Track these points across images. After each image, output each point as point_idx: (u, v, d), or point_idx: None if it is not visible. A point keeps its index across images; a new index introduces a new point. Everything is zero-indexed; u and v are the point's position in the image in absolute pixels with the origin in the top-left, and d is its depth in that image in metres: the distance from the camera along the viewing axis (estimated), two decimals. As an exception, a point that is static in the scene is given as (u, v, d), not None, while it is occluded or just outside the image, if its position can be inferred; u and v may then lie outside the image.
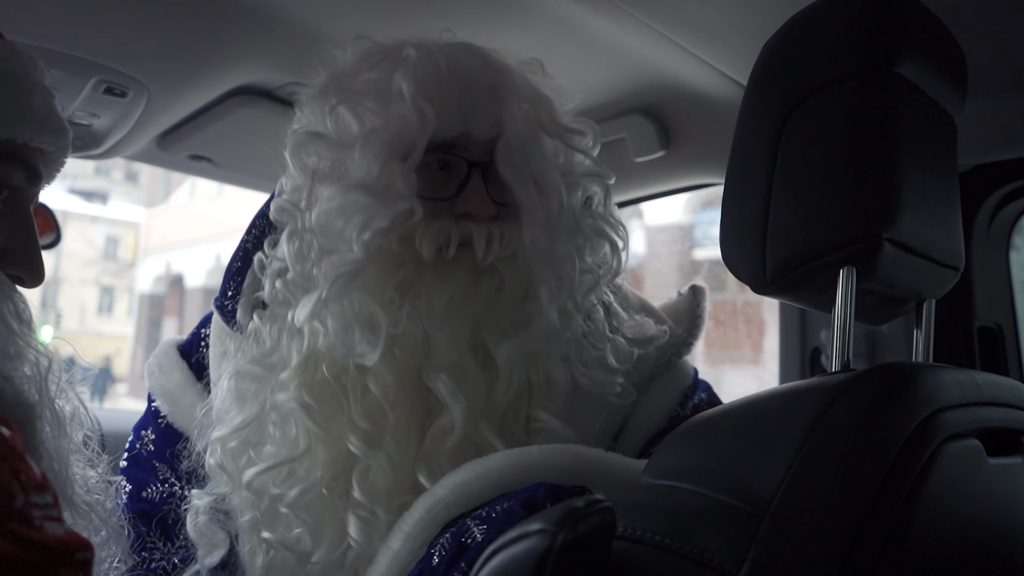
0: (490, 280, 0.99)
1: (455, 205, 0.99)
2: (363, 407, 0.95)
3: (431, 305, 0.96)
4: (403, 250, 0.97)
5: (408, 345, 0.96)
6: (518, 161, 0.99)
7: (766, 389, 0.77)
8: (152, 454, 1.14)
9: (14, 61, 0.71)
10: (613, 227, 1.08)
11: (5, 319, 0.66)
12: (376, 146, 0.96)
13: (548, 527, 0.59)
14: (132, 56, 1.32)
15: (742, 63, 1.29)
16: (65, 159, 0.78)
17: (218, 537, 1.01)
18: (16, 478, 0.50)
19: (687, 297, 1.22)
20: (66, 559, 0.53)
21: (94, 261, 21.61)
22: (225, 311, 1.12)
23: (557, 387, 1.00)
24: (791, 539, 0.61)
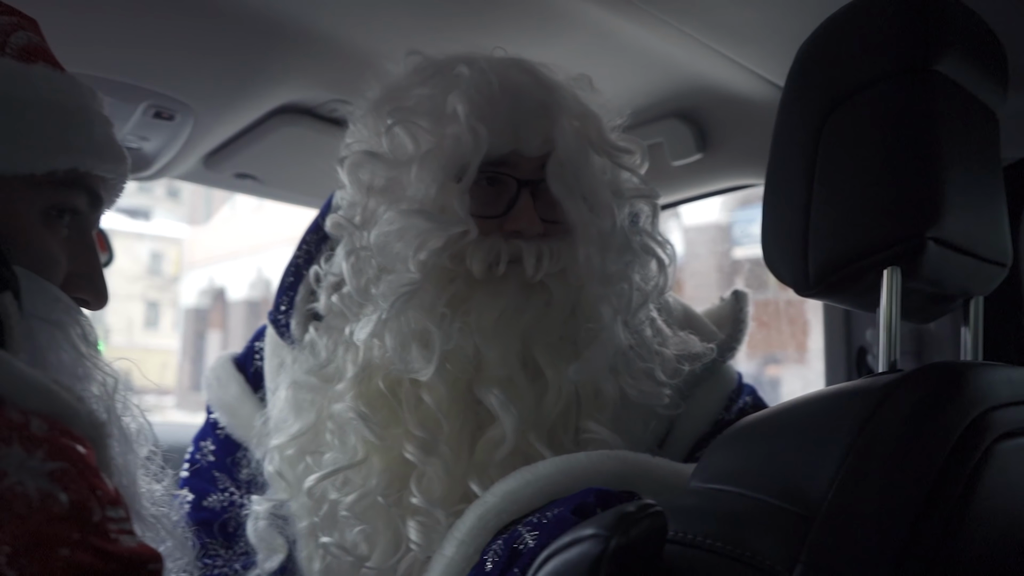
0: (539, 296, 1.00)
1: (505, 222, 1.00)
2: (417, 417, 0.97)
3: (481, 321, 0.98)
4: (455, 267, 0.99)
5: (460, 359, 0.98)
6: (569, 179, 1.00)
7: (812, 391, 0.77)
8: (212, 464, 1.18)
9: (76, 94, 0.74)
10: (660, 245, 1.09)
11: (73, 342, 0.69)
12: (432, 167, 0.98)
13: (601, 532, 0.61)
14: (179, 81, 1.36)
15: (778, 64, 1.29)
16: (124, 185, 0.81)
17: (277, 542, 1.04)
18: (93, 494, 0.53)
19: (730, 302, 1.22)
20: (140, 570, 0.55)
21: (140, 277, 22.08)
22: (279, 325, 1.15)
23: (606, 398, 1.01)
24: (843, 541, 0.61)
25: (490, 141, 0.98)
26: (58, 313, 0.69)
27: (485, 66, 1.02)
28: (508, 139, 1.00)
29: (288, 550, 1.05)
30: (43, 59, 0.74)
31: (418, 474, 0.96)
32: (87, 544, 0.50)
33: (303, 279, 1.15)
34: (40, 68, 0.72)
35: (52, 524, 0.49)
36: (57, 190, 0.71)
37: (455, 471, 0.96)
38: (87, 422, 0.58)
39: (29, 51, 0.72)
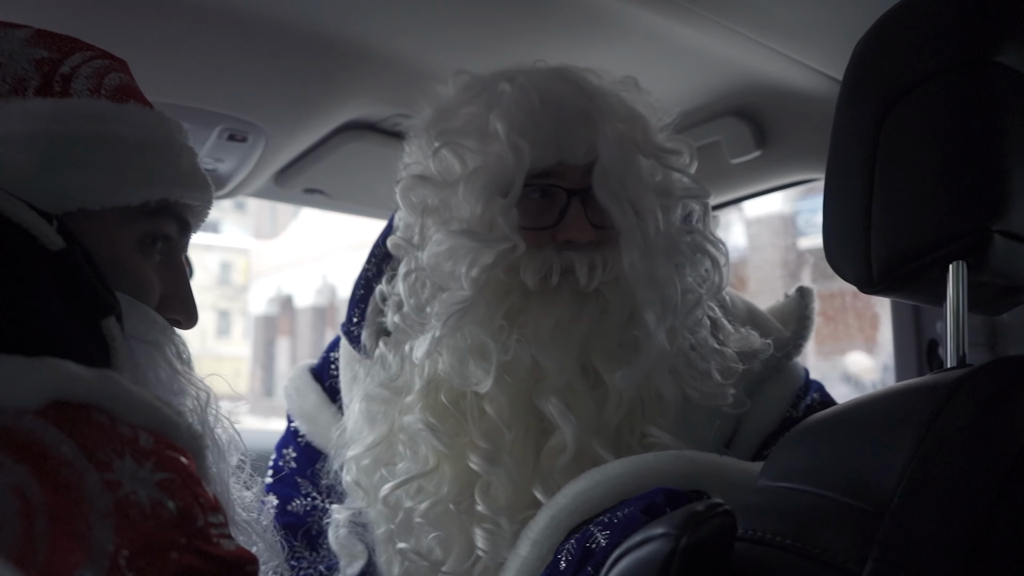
0: (595, 304, 1.01)
1: (557, 233, 1.02)
2: (481, 428, 1.00)
3: (538, 331, 0.99)
4: (509, 280, 1.01)
5: (518, 371, 0.99)
6: (614, 186, 1.00)
7: (880, 388, 0.77)
8: (294, 471, 1.22)
9: (164, 129, 0.79)
10: (713, 244, 1.09)
11: (169, 360, 0.74)
12: (477, 186, 1.00)
13: (671, 531, 0.62)
14: (251, 104, 1.42)
15: (835, 59, 1.28)
16: (209, 210, 0.86)
17: (357, 549, 1.09)
18: (196, 501, 0.57)
19: (795, 299, 1.22)
20: (238, 571, 0.59)
21: (211, 287, 22.71)
22: (351, 336, 1.19)
23: (667, 402, 1.02)
24: (914, 537, 0.62)
25: (534, 154, 0.99)
26: (155, 334, 0.74)
27: (525, 80, 1.03)
28: (552, 150, 1.01)
29: (368, 555, 1.09)
30: (134, 98, 0.79)
31: (483, 483, 0.99)
32: (192, 547, 0.55)
33: (373, 292, 1.19)
34: (132, 107, 0.77)
35: (162, 529, 0.53)
36: (150, 219, 0.77)
37: (519, 479, 0.98)
38: (187, 435, 0.63)
39: (121, 91, 0.77)
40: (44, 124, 0.69)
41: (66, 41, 0.76)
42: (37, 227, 0.60)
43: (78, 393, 0.55)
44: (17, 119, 0.68)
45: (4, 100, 0.69)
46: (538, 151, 1.00)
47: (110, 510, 0.50)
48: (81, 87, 0.74)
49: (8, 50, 0.72)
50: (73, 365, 0.56)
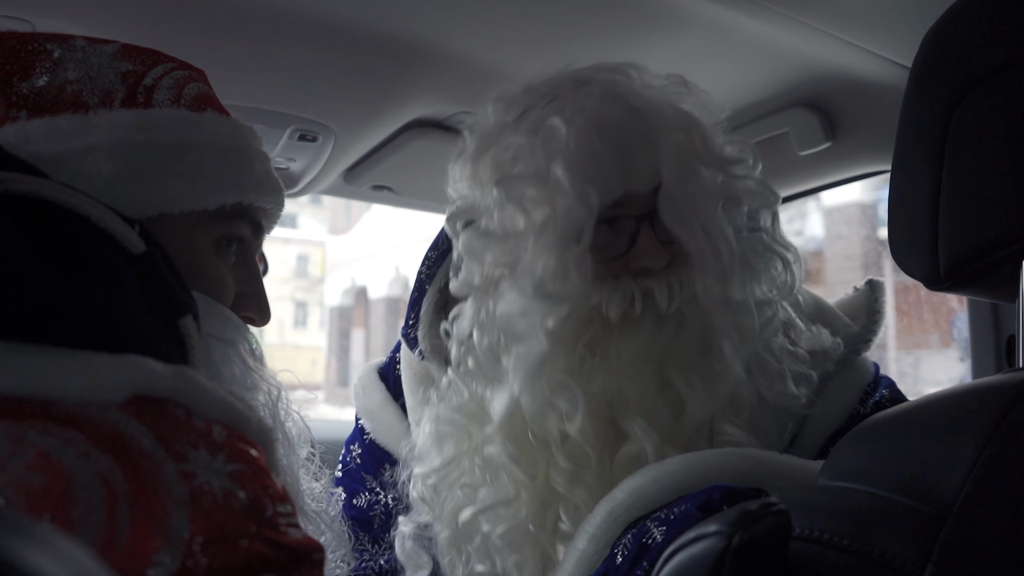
0: (672, 321, 1.00)
1: (629, 260, 1.01)
2: (564, 451, 1.00)
3: (621, 358, 0.99)
4: (589, 312, 1.00)
5: (603, 396, 0.99)
6: (683, 210, 0.98)
7: (944, 389, 0.76)
8: (360, 467, 1.26)
9: (239, 136, 0.83)
10: (783, 246, 1.07)
11: (243, 357, 0.78)
12: (550, 240, 0.98)
13: (724, 529, 0.62)
14: (321, 105, 1.46)
15: (906, 47, 1.24)
16: (281, 212, 0.90)
17: (423, 559, 1.11)
18: (266, 492, 0.60)
19: (864, 292, 1.19)
20: (306, 559, 0.62)
21: (288, 279, 23.31)
22: (408, 338, 1.21)
23: (742, 401, 1.01)
24: (977, 541, 0.61)
25: (600, 193, 0.97)
26: (229, 332, 0.78)
27: (579, 115, 1.00)
28: (617, 184, 0.99)
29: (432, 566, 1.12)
30: (211, 106, 0.83)
31: (567, 503, 0.99)
32: (262, 536, 0.58)
33: (425, 294, 1.21)
34: (209, 115, 0.81)
35: (234, 518, 0.56)
36: (225, 222, 0.81)
37: (599, 493, 0.98)
38: (257, 428, 0.66)
39: (200, 100, 0.82)
40: (128, 134, 0.74)
41: (149, 54, 0.81)
42: (121, 232, 0.64)
43: (157, 388, 0.59)
44: (104, 129, 0.73)
45: (93, 112, 0.74)
46: (603, 187, 0.98)
47: (186, 499, 0.54)
48: (163, 98, 0.78)
49: (97, 64, 0.77)
50: (153, 362, 0.59)
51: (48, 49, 0.76)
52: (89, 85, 0.75)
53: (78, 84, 0.75)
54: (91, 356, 0.57)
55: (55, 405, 0.53)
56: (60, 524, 0.47)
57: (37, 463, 0.49)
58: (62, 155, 0.71)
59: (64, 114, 0.73)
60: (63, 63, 0.75)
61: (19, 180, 0.61)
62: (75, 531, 0.48)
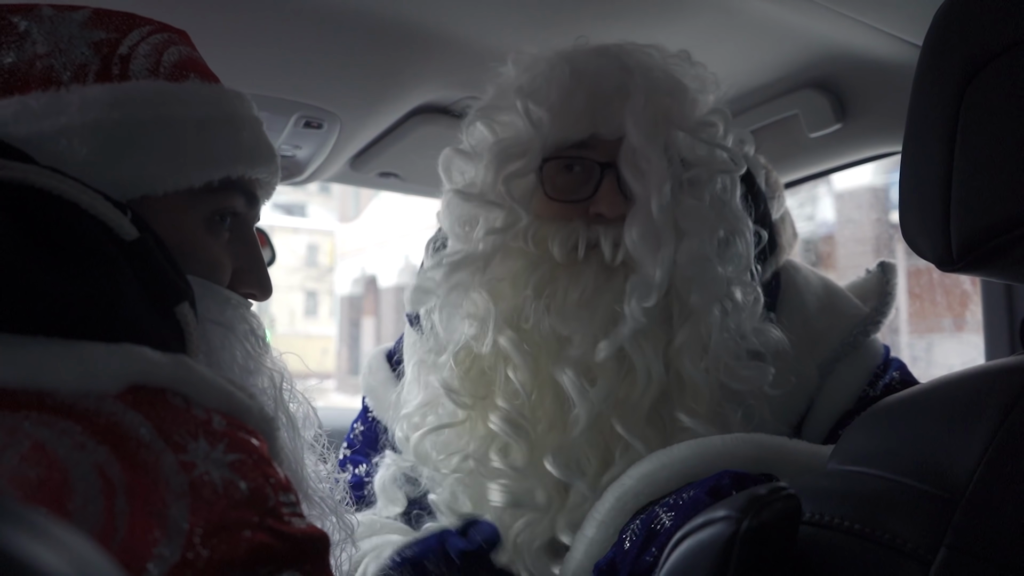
0: (620, 276, 1.01)
1: (589, 204, 1.02)
2: (504, 391, 1.02)
3: (562, 303, 1.01)
4: (538, 251, 1.03)
5: (537, 338, 1.02)
6: (640, 162, 0.99)
7: (957, 371, 0.75)
8: (362, 442, 1.28)
9: (224, 104, 0.77)
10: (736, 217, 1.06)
11: (243, 341, 0.75)
12: (493, 155, 1.04)
13: (733, 513, 0.62)
14: (326, 92, 1.45)
15: (917, 25, 1.22)
16: (277, 181, 0.85)
17: (398, 495, 1.13)
18: (267, 481, 0.59)
19: (876, 274, 1.19)
20: (309, 549, 0.62)
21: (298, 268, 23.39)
22: (411, 318, 1.23)
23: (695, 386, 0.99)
24: (989, 524, 0.60)
25: (566, 124, 1.01)
26: (228, 314, 0.75)
27: (564, 55, 1.05)
28: (585, 123, 1.02)
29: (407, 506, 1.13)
30: (194, 71, 0.77)
31: (500, 442, 1.02)
32: (265, 526, 0.57)
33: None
34: (190, 84, 0.75)
35: (235, 509, 0.55)
36: (215, 197, 0.76)
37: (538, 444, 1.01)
38: (259, 417, 0.65)
39: (180, 66, 0.76)
40: (103, 113, 0.69)
41: (123, 19, 0.75)
42: (112, 218, 0.62)
43: (155, 378, 0.58)
44: (77, 108, 0.68)
45: (65, 88, 0.69)
46: (570, 123, 1.01)
47: (185, 490, 0.53)
48: (140, 67, 0.73)
49: (67, 35, 0.71)
50: (150, 351, 0.59)
51: (13, 22, 0.71)
52: (60, 59, 0.70)
53: (48, 59, 0.70)
54: (86, 346, 0.56)
55: (50, 396, 0.52)
56: (57, 516, 0.47)
57: (33, 455, 0.48)
58: (35, 138, 0.66)
59: (34, 92, 0.68)
60: (30, 36, 0.70)
61: (4, 167, 0.59)
62: (72, 523, 0.47)
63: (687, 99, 1.06)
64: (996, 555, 0.58)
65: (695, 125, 1.05)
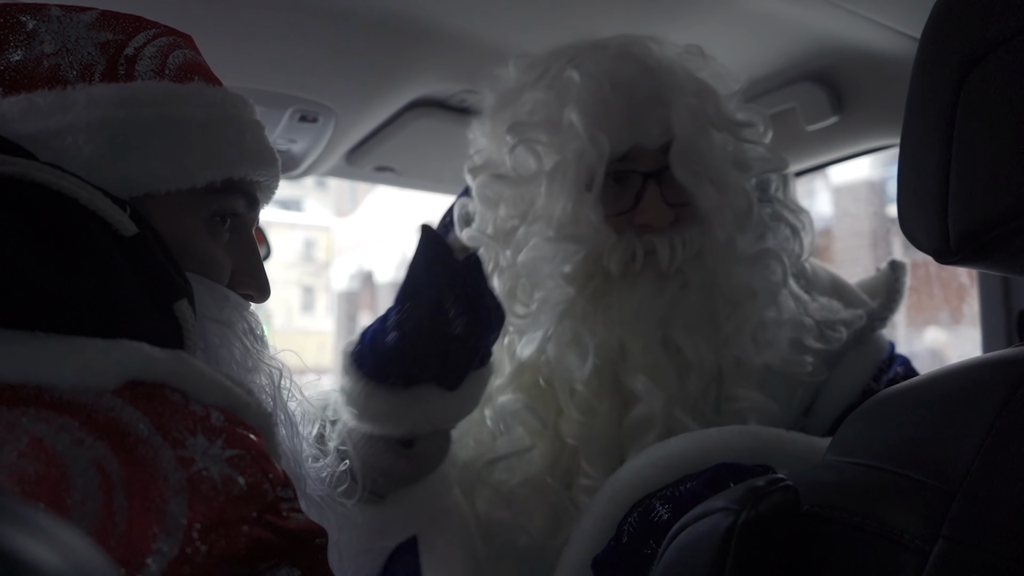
0: (675, 280, 1.02)
1: (634, 216, 1.03)
2: (575, 404, 1.02)
3: (623, 314, 1.01)
4: (589, 265, 1.03)
5: (605, 351, 1.02)
6: (694, 165, 1.00)
7: (954, 363, 0.75)
8: None
9: (228, 106, 0.78)
10: (794, 213, 1.08)
11: (241, 338, 0.76)
12: (562, 183, 1.01)
13: (731, 505, 0.62)
14: (321, 86, 1.44)
15: (915, 17, 1.22)
16: (277, 184, 0.86)
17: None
18: (266, 477, 0.59)
19: (886, 272, 1.20)
20: (309, 544, 0.62)
21: (294, 264, 23.35)
22: None
23: (748, 368, 1.02)
24: (987, 516, 0.60)
25: (610, 142, 0.99)
26: (227, 312, 0.75)
27: (594, 68, 1.03)
28: (627, 136, 1.01)
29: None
30: (199, 74, 0.78)
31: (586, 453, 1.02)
32: (263, 521, 0.57)
33: None
34: (195, 86, 0.76)
35: (233, 504, 0.55)
36: (216, 197, 0.76)
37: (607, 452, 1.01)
38: (256, 413, 0.65)
39: (186, 69, 0.77)
40: (109, 111, 0.69)
41: (130, 21, 0.76)
42: (112, 214, 0.62)
43: (153, 373, 0.58)
44: (83, 107, 0.69)
45: (71, 87, 0.70)
46: (613, 138, 1.00)
47: (183, 485, 0.53)
48: (145, 69, 0.74)
49: (74, 35, 0.72)
50: (148, 347, 0.59)
51: (21, 21, 0.71)
52: (67, 58, 0.71)
53: (55, 57, 0.70)
54: (84, 342, 0.56)
55: (48, 392, 0.52)
56: (55, 512, 0.47)
57: (31, 450, 0.48)
58: (41, 135, 0.66)
59: (41, 90, 0.69)
60: (38, 35, 0.71)
61: (3, 162, 0.59)
62: (71, 519, 0.47)
63: (717, 98, 1.07)
64: (994, 546, 0.58)
65: (732, 125, 1.06)
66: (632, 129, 1.01)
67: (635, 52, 1.06)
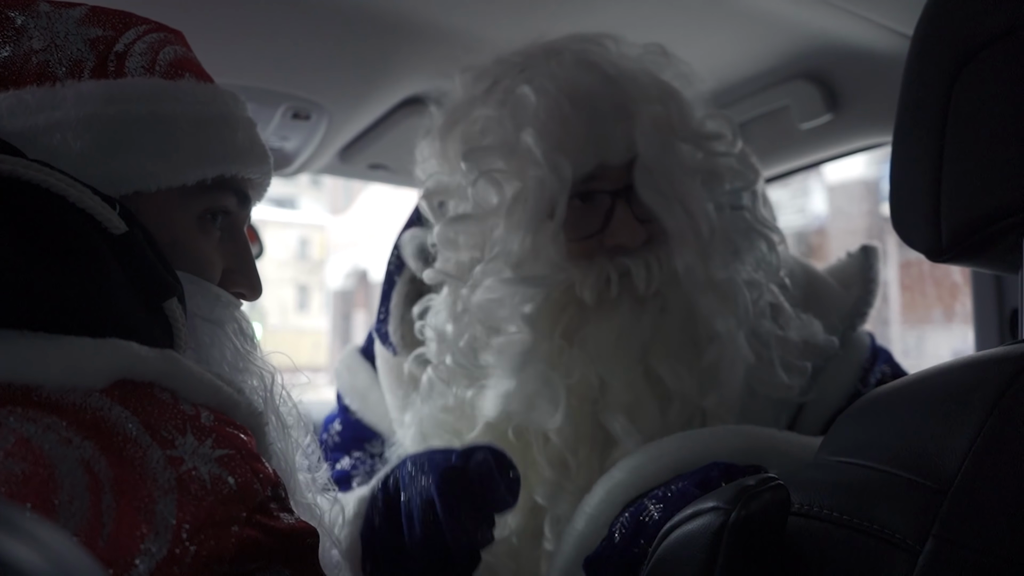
0: (653, 304, 0.97)
1: (604, 238, 0.97)
2: (546, 456, 0.97)
3: (600, 347, 0.95)
4: (562, 296, 0.96)
5: (583, 390, 0.96)
6: (660, 183, 0.94)
7: (946, 361, 0.75)
8: (338, 444, 1.21)
9: (219, 103, 0.77)
10: (767, 227, 1.03)
11: (232, 337, 0.75)
12: (524, 218, 0.94)
13: (722, 504, 0.62)
14: (314, 83, 1.44)
15: (908, 15, 1.22)
16: (269, 181, 0.85)
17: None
18: (256, 477, 0.59)
19: (857, 258, 1.15)
20: (299, 544, 0.61)
21: (289, 262, 23.30)
22: (381, 334, 1.17)
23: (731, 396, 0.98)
24: (977, 514, 0.60)
25: (572, 164, 0.93)
26: (218, 311, 0.74)
27: (549, 83, 0.96)
28: (591, 155, 0.95)
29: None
30: (189, 70, 0.77)
31: (552, 516, 0.96)
32: (253, 521, 0.57)
33: (395, 286, 1.16)
34: (185, 83, 0.75)
35: (223, 504, 0.55)
36: (208, 195, 0.75)
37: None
38: (246, 412, 0.65)
39: (176, 65, 0.76)
40: (98, 108, 0.68)
41: (120, 17, 0.75)
42: (101, 212, 0.61)
43: (142, 372, 0.57)
44: (72, 104, 0.68)
45: (60, 84, 0.69)
46: (576, 159, 0.94)
47: (173, 485, 0.53)
48: (135, 65, 0.73)
49: (63, 31, 0.71)
50: (137, 346, 0.58)
51: (10, 16, 0.70)
52: (56, 54, 0.70)
53: (44, 54, 0.69)
54: (72, 340, 0.55)
55: (36, 391, 0.52)
56: (42, 512, 0.46)
57: (17, 450, 0.48)
58: (29, 131, 0.66)
59: (29, 87, 0.68)
60: (27, 31, 0.70)
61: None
62: (58, 520, 0.47)
63: (682, 105, 1.01)
64: (983, 545, 0.58)
65: (699, 137, 1.01)
66: (595, 147, 0.94)
67: (592, 59, 0.99)
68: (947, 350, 5.44)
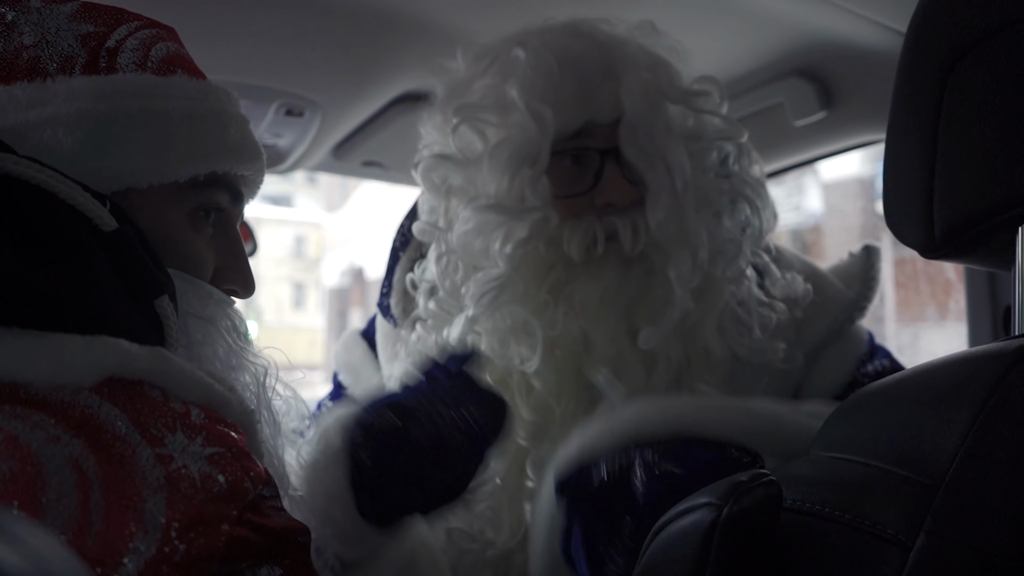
0: (640, 266, 0.99)
1: (595, 197, 0.99)
2: (529, 403, 0.98)
3: (585, 303, 0.97)
4: (551, 253, 0.99)
5: (567, 343, 0.98)
6: (643, 141, 0.96)
7: (939, 357, 0.75)
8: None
9: (211, 100, 0.77)
10: (752, 187, 1.05)
11: (224, 334, 0.75)
12: (502, 160, 0.97)
13: (714, 500, 0.62)
14: (307, 80, 1.44)
15: (901, 11, 1.22)
16: (262, 178, 0.85)
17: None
18: (247, 475, 0.59)
19: (859, 258, 1.17)
20: (291, 542, 0.61)
21: (285, 260, 23.28)
22: (383, 308, 1.19)
23: (715, 359, 1.00)
24: (969, 510, 0.60)
25: (559, 118, 0.96)
26: (210, 309, 0.74)
27: (539, 43, 1.00)
28: (578, 112, 0.97)
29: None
30: (182, 67, 0.77)
31: (534, 458, 0.98)
32: (243, 520, 0.56)
33: (399, 261, 1.19)
34: (178, 79, 0.75)
35: (213, 503, 0.55)
36: (200, 192, 0.75)
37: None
38: (238, 410, 0.64)
39: (168, 61, 0.75)
40: (89, 104, 0.68)
41: (112, 13, 0.75)
42: (91, 209, 0.61)
43: (132, 370, 0.57)
44: (63, 99, 0.67)
45: (51, 79, 0.68)
46: (563, 114, 0.97)
47: (162, 483, 0.52)
48: (127, 61, 0.72)
49: (54, 27, 0.71)
50: (127, 343, 0.58)
51: (0, 12, 0.70)
52: (47, 50, 0.69)
53: (34, 49, 0.69)
54: (61, 338, 0.55)
55: (24, 388, 0.52)
56: (30, 511, 0.46)
57: (5, 448, 0.48)
58: (20, 127, 0.65)
59: (20, 83, 0.68)
60: (17, 27, 0.70)
61: None
62: (46, 518, 0.47)
63: (671, 71, 1.03)
64: (974, 540, 0.58)
65: (687, 95, 1.02)
66: (583, 104, 0.97)
67: (584, 30, 1.03)
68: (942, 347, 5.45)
